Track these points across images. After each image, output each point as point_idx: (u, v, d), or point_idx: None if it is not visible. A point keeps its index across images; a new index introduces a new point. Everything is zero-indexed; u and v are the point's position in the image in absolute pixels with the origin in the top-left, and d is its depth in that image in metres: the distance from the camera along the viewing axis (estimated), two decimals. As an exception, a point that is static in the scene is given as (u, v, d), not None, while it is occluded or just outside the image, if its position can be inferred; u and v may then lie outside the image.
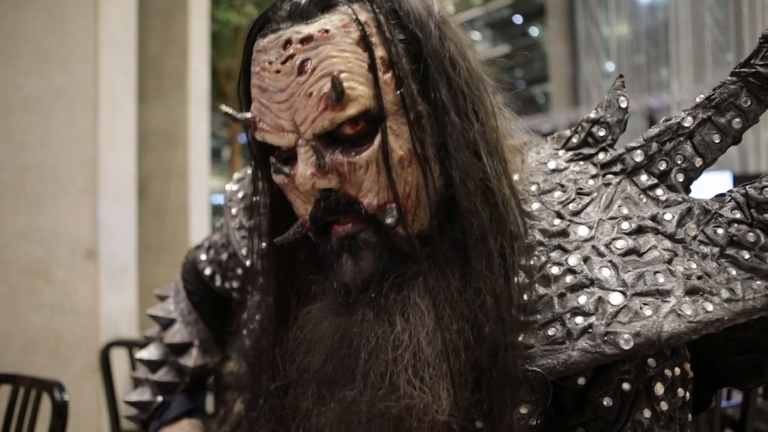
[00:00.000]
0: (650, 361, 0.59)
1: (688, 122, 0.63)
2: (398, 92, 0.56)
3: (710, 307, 0.54)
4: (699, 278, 0.56)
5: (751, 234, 0.57)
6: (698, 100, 0.64)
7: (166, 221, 3.52)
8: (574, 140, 0.70)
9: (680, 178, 0.63)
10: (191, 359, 0.94)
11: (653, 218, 0.61)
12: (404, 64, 0.56)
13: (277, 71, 0.55)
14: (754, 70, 0.60)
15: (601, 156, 0.67)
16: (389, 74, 0.56)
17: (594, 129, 0.69)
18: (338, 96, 0.53)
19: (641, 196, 0.63)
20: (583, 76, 15.29)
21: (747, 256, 0.57)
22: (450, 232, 0.59)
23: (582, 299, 0.57)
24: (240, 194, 0.89)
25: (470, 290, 0.57)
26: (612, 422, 0.59)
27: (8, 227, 2.44)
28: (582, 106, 14.28)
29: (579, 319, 0.56)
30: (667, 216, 0.61)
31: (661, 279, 0.56)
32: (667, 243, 0.59)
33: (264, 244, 0.71)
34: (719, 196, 0.61)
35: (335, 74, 0.53)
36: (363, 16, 0.56)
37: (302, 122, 0.55)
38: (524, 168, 0.68)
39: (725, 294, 0.55)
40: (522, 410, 0.59)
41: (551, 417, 0.63)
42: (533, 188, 0.66)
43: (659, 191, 0.63)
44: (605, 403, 0.59)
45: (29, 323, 2.43)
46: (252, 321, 0.82)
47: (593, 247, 0.59)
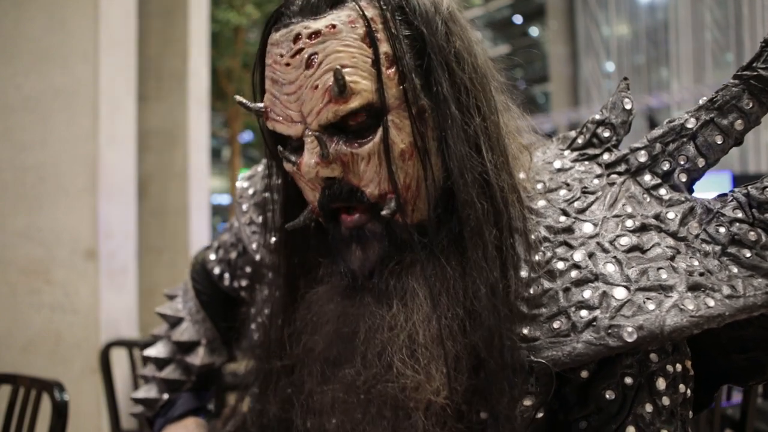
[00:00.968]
0: (652, 357, 0.60)
1: (691, 123, 0.64)
2: (401, 87, 0.58)
3: (712, 303, 0.55)
4: (701, 275, 0.57)
5: (753, 233, 0.58)
6: (701, 102, 0.65)
7: (166, 221, 3.52)
8: (580, 141, 0.72)
9: (683, 178, 0.64)
10: (198, 358, 0.94)
11: (656, 217, 0.62)
12: (408, 60, 0.58)
13: (287, 64, 0.58)
14: (756, 73, 0.61)
15: (606, 156, 0.68)
16: (393, 69, 0.58)
17: (599, 130, 0.70)
18: (340, 89, 0.55)
19: (645, 196, 0.64)
20: (583, 76, 15.29)
21: (748, 255, 0.58)
22: (448, 223, 0.62)
23: (587, 293, 0.58)
24: (251, 191, 0.91)
25: (467, 279, 0.59)
26: (614, 415, 0.60)
27: (8, 227, 2.44)
28: (582, 106, 14.28)
29: (584, 313, 0.58)
30: (670, 215, 0.62)
31: (664, 275, 0.58)
32: (670, 241, 0.60)
33: (276, 232, 0.74)
34: (721, 196, 0.62)
35: (337, 68, 0.55)
36: (370, 12, 0.58)
37: (309, 113, 0.58)
38: (531, 167, 0.70)
39: (727, 290, 0.56)
40: (526, 402, 0.60)
41: (555, 411, 0.64)
42: (539, 186, 0.68)
43: (662, 191, 0.64)
44: (608, 396, 0.60)
45: (29, 323, 2.43)
46: (260, 314, 0.83)
47: (598, 244, 0.61)
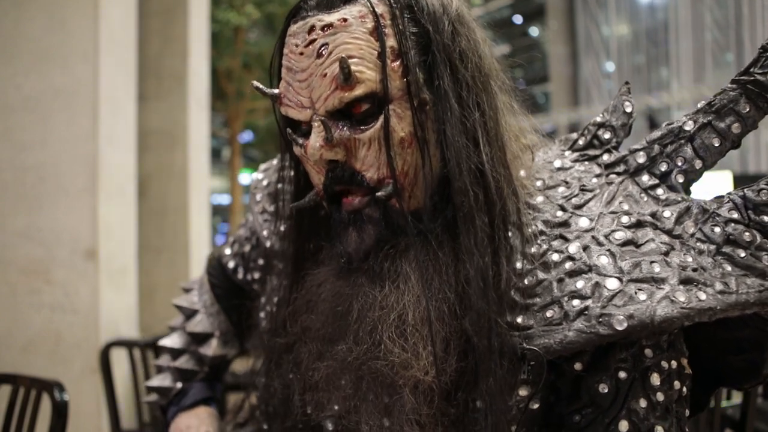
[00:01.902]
0: (647, 352, 0.61)
1: (689, 126, 0.66)
2: (405, 79, 0.61)
3: (703, 296, 0.57)
4: (694, 270, 0.59)
5: (748, 234, 0.59)
6: (699, 106, 0.67)
7: (166, 221, 3.52)
8: (581, 142, 0.74)
9: (680, 179, 0.66)
10: (211, 349, 0.97)
11: (653, 215, 0.64)
12: (413, 55, 0.62)
13: (301, 53, 0.62)
14: (753, 78, 0.63)
15: (606, 157, 0.71)
16: (398, 62, 0.61)
17: (599, 132, 0.72)
18: (345, 77, 0.59)
19: (642, 195, 0.66)
20: (583, 76, 15.29)
21: (743, 255, 0.59)
22: (443, 212, 0.64)
23: (579, 284, 0.60)
24: (265, 182, 0.94)
25: (458, 265, 0.61)
26: (607, 409, 0.61)
27: (8, 227, 2.44)
28: (582, 106, 14.28)
29: (576, 302, 0.60)
30: (666, 213, 0.63)
31: (657, 268, 0.59)
32: (665, 237, 0.62)
33: (287, 219, 0.78)
34: (717, 198, 0.63)
35: (343, 57, 0.58)
36: (380, 9, 0.62)
37: (317, 99, 0.62)
38: (532, 165, 0.72)
39: (719, 286, 0.57)
40: (522, 392, 0.62)
41: (551, 405, 0.65)
42: (539, 184, 0.70)
43: (660, 191, 0.66)
44: (601, 390, 0.61)
45: (29, 323, 2.43)
46: (269, 303, 0.85)
47: (593, 237, 0.63)
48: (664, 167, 0.66)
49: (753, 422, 1.71)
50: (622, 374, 0.61)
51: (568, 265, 0.62)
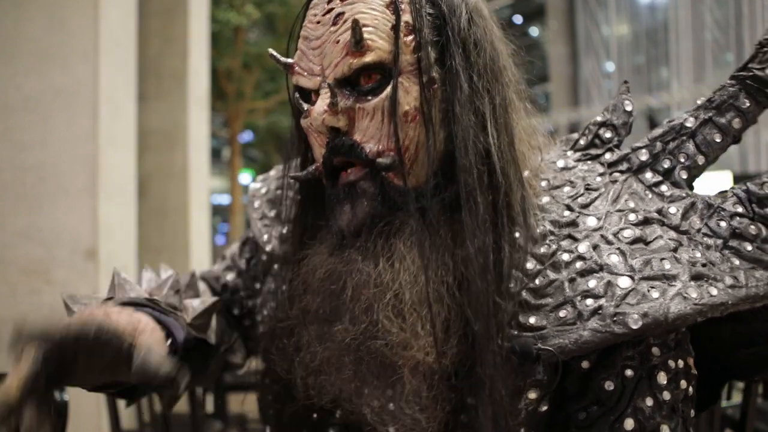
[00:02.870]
0: (654, 350, 0.61)
1: (691, 122, 0.67)
2: (416, 55, 0.62)
3: (715, 292, 0.57)
4: (704, 266, 0.59)
5: (753, 227, 0.60)
6: (699, 102, 0.68)
7: (166, 221, 3.52)
8: (582, 142, 0.74)
9: (684, 176, 0.66)
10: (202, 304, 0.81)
11: (659, 211, 0.64)
12: (426, 33, 0.62)
13: (318, 22, 0.63)
14: (752, 74, 0.64)
15: (608, 156, 0.71)
16: (411, 37, 0.62)
17: (601, 131, 0.73)
18: (357, 41, 0.60)
19: (647, 192, 0.66)
20: (583, 76, 15.28)
21: (749, 248, 0.60)
22: (444, 191, 0.63)
23: (592, 283, 0.60)
24: (263, 190, 0.94)
25: (457, 246, 0.61)
26: (613, 407, 0.61)
27: (8, 227, 2.44)
28: (582, 106, 14.27)
29: (589, 301, 0.59)
30: (672, 209, 0.64)
31: (668, 265, 0.59)
32: (673, 234, 0.62)
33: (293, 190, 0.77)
34: (722, 193, 0.64)
35: (356, 20, 0.59)
36: None
37: (327, 66, 0.63)
38: (540, 166, 0.72)
39: (729, 281, 0.58)
40: (531, 395, 0.61)
41: (559, 405, 0.64)
42: (543, 184, 0.70)
43: (664, 187, 0.66)
44: (607, 387, 0.61)
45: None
46: (265, 306, 0.84)
47: (602, 236, 0.63)
48: (667, 164, 0.67)
49: (753, 422, 1.71)
50: (629, 372, 0.61)
51: (579, 265, 0.61)
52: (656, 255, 0.60)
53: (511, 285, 0.62)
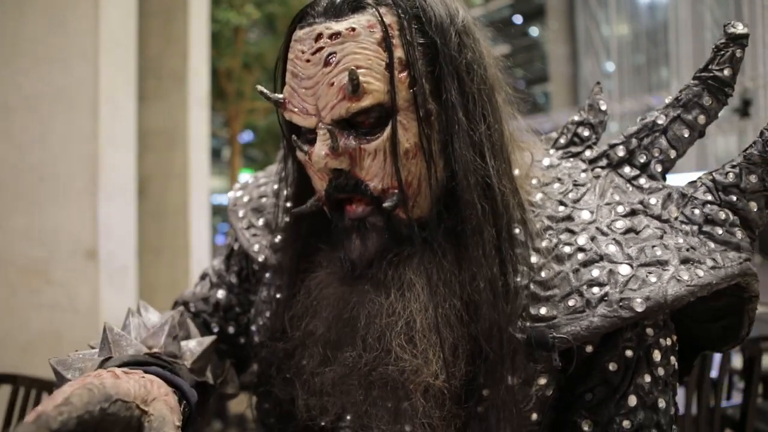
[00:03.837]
0: (648, 331, 0.67)
1: (662, 120, 0.72)
2: (411, 90, 0.62)
3: (701, 273, 0.62)
4: (688, 250, 0.64)
5: (722, 213, 0.66)
6: (667, 101, 0.73)
7: (166, 221, 3.52)
8: (562, 141, 0.79)
9: (659, 169, 0.72)
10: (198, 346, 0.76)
11: (641, 203, 0.69)
12: (420, 66, 0.62)
13: (308, 60, 0.62)
14: (713, 74, 0.70)
15: (588, 153, 0.76)
16: (405, 73, 0.62)
17: (579, 130, 0.78)
18: (354, 88, 0.59)
19: (627, 186, 0.71)
20: (583, 76, 15.29)
21: (720, 232, 0.65)
22: (447, 221, 0.66)
23: (595, 272, 0.65)
24: (245, 198, 0.92)
25: (465, 274, 0.63)
26: (617, 386, 0.66)
27: (8, 227, 2.44)
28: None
29: (595, 290, 0.64)
30: (652, 200, 0.69)
31: (659, 251, 0.64)
32: (657, 222, 0.68)
33: (286, 214, 0.77)
34: (692, 183, 0.70)
35: (352, 69, 0.58)
36: (388, 19, 0.62)
37: (323, 108, 0.62)
38: (530, 165, 0.75)
39: (710, 263, 0.63)
40: (541, 381, 0.65)
41: (562, 388, 0.68)
42: (534, 182, 0.74)
43: (642, 180, 0.71)
44: (611, 368, 0.66)
45: (29, 323, 2.43)
46: (260, 315, 0.83)
47: (597, 228, 0.67)
48: (643, 158, 0.72)
49: (753, 422, 1.71)
50: (629, 353, 0.66)
51: (581, 256, 0.66)
52: (647, 243, 0.65)
53: (518, 279, 0.65)
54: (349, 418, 0.67)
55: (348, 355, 0.64)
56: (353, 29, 0.60)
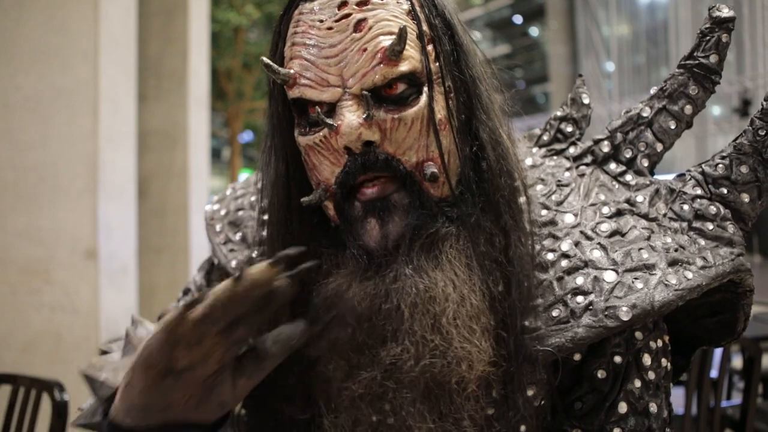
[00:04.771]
0: (637, 335, 0.64)
1: (647, 112, 0.70)
2: (437, 64, 0.61)
3: (690, 275, 0.60)
4: (676, 251, 0.62)
5: (713, 207, 0.64)
6: (652, 92, 0.71)
7: (166, 221, 3.52)
8: (545, 138, 0.76)
9: (645, 163, 0.69)
10: None
11: (628, 201, 0.67)
12: (445, 41, 0.62)
13: (329, 28, 0.59)
14: (698, 62, 0.67)
15: (572, 150, 0.73)
16: (431, 46, 0.61)
17: (562, 126, 0.75)
18: (399, 50, 0.57)
19: (613, 183, 0.69)
20: (583, 76, 15.30)
21: (711, 227, 0.63)
22: (473, 198, 0.62)
23: (579, 280, 0.62)
24: (222, 212, 0.88)
25: (497, 248, 0.61)
26: (606, 393, 0.63)
27: (8, 227, 2.44)
28: (582, 106, 14.25)
29: (579, 299, 0.61)
30: (639, 198, 0.67)
31: (645, 254, 0.62)
32: (644, 222, 0.65)
33: (280, 210, 0.68)
34: (680, 176, 0.68)
35: (403, 27, 0.56)
36: None
37: (351, 76, 0.58)
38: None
39: (700, 262, 0.61)
40: (529, 392, 0.62)
41: (553, 397, 0.65)
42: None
43: (629, 176, 0.69)
44: (599, 376, 0.63)
45: (29, 323, 2.43)
46: None
47: (581, 232, 0.65)
48: (629, 154, 0.70)
49: (753, 422, 1.71)
50: (618, 359, 0.63)
51: (565, 263, 0.63)
52: (634, 246, 0.63)
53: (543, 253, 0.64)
54: (390, 423, 0.60)
55: (388, 353, 0.58)
56: None
